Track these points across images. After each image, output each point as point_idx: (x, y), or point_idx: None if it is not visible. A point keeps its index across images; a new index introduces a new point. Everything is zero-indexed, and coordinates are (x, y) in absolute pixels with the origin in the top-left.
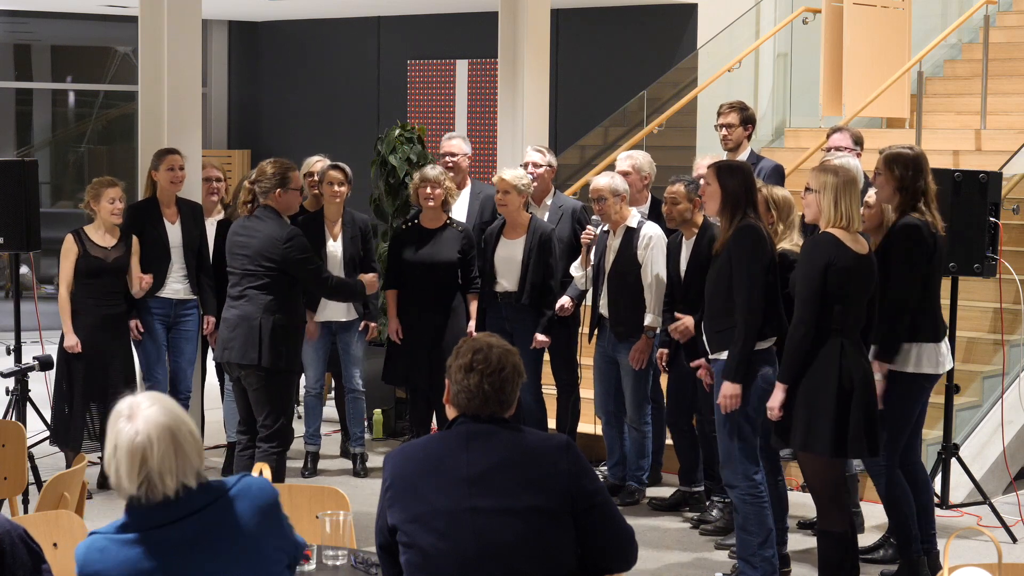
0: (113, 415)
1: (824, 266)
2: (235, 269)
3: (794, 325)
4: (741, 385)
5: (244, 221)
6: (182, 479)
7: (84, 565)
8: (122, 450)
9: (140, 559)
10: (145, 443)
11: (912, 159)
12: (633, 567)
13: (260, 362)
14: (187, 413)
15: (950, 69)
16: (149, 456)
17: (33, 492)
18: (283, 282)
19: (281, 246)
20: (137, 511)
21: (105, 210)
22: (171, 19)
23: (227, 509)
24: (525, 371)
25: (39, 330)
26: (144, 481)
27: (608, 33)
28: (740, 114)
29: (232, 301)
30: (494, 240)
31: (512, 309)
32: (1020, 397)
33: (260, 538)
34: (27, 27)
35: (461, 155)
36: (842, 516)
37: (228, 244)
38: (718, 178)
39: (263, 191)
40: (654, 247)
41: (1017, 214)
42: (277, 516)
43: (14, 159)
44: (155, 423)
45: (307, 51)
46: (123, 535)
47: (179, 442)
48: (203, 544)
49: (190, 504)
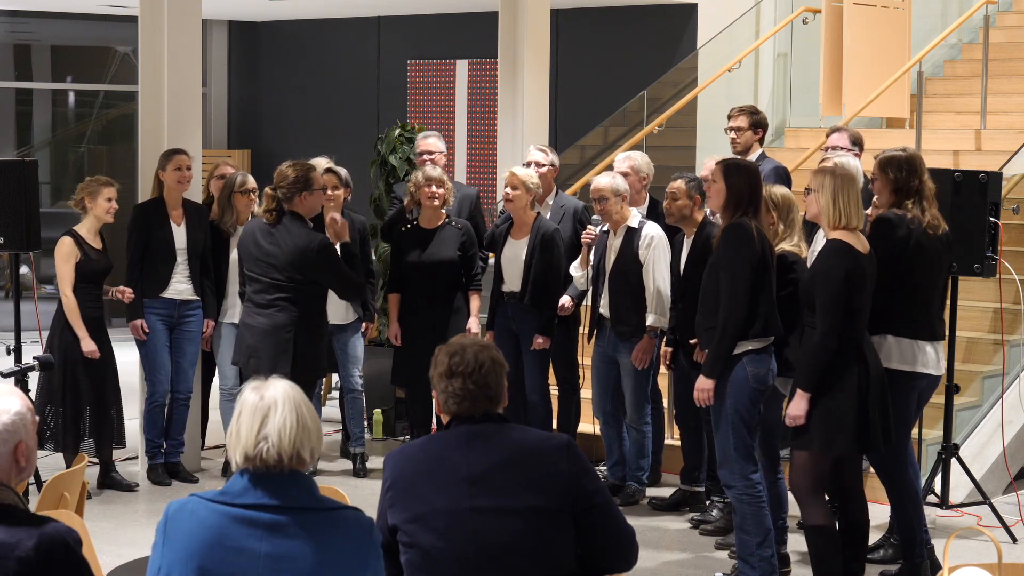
0: (242, 394)
1: (846, 275)
2: (260, 277)
3: (823, 337)
4: (715, 381)
5: (267, 227)
6: (299, 447)
7: (168, 519)
8: (246, 412)
9: (224, 530)
10: (270, 404)
11: (905, 160)
12: (633, 567)
13: (293, 374)
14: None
15: (950, 69)
16: (271, 416)
17: (33, 492)
18: (313, 292)
19: (312, 256)
20: (243, 484)
21: (101, 208)
22: (171, 19)
23: (322, 525)
24: (533, 370)
25: (39, 330)
26: (263, 439)
27: (608, 33)
28: (750, 118)
29: (260, 309)
30: (502, 240)
31: (517, 309)
32: (1020, 397)
33: (340, 571)
34: (27, 27)
35: (438, 153)
36: (822, 510)
37: (249, 248)
38: (725, 176)
39: (287, 196)
40: (655, 247)
41: (1017, 214)
42: (366, 561)
43: (14, 159)
44: (282, 392)
45: (307, 51)
46: (217, 504)
47: (302, 413)
48: (285, 542)
49: (292, 496)
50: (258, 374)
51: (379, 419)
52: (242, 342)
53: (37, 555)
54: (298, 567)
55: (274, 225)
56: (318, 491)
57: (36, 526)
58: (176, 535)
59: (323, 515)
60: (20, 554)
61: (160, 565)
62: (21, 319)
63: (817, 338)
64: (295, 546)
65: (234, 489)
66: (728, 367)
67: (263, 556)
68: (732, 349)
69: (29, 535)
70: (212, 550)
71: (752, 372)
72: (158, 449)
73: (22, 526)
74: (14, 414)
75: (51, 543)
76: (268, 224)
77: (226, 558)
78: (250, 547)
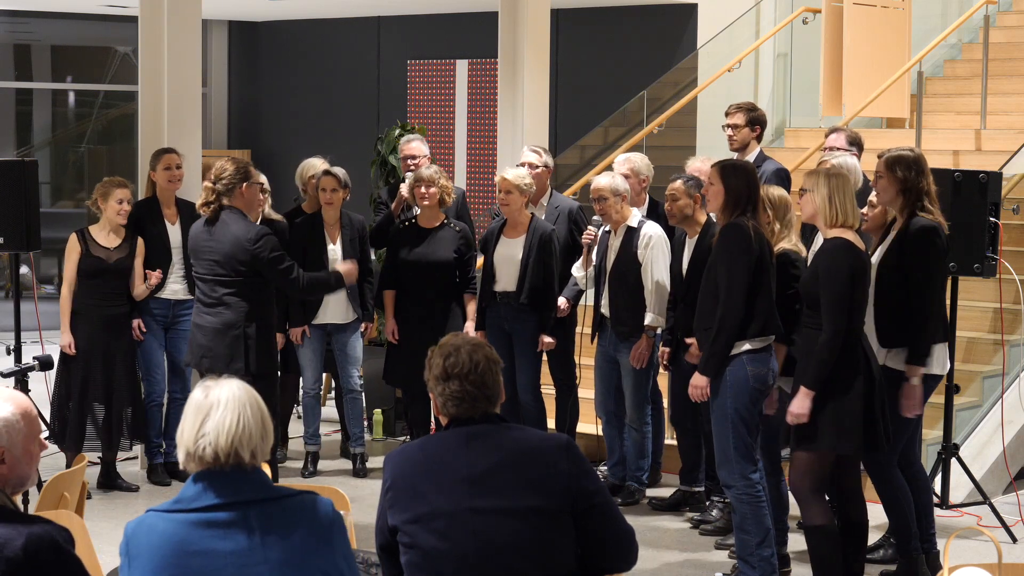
0: (192, 394)
1: (851, 274)
2: (205, 275)
3: (832, 336)
4: (710, 378)
5: (205, 224)
6: (237, 446)
7: (129, 540)
8: (190, 410)
9: (184, 538)
10: (213, 403)
11: (914, 160)
12: (633, 567)
13: (248, 369)
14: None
15: (950, 69)
16: (212, 414)
17: (33, 492)
18: (258, 285)
19: (251, 247)
20: (196, 489)
21: (112, 210)
22: (171, 19)
23: (279, 513)
24: (526, 369)
25: (39, 330)
26: (201, 436)
27: (608, 33)
28: (747, 115)
29: (208, 308)
30: (494, 239)
31: (511, 309)
32: (1020, 397)
33: (305, 555)
34: (27, 27)
35: (422, 157)
36: (823, 510)
37: (191, 247)
38: (722, 178)
39: (227, 189)
40: (654, 247)
41: (1017, 214)
42: (329, 541)
43: (14, 159)
44: (228, 391)
45: (307, 51)
46: (173, 514)
47: (245, 413)
48: (246, 537)
49: (244, 491)
50: (212, 373)
51: (379, 419)
52: (194, 342)
53: (25, 555)
54: (264, 558)
55: (213, 222)
56: (269, 482)
57: (25, 525)
58: (139, 552)
59: (279, 503)
60: (8, 554)
61: None
62: (21, 319)
63: (825, 337)
64: (256, 539)
65: (187, 496)
66: (724, 366)
67: (227, 554)
68: (729, 348)
69: (18, 534)
70: (177, 559)
71: (753, 372)
72: (157, 449)
73: (10, 526)
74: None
75: (39, 542)
76: (207, 222)
77: (192, 564)
78: (213, 548)
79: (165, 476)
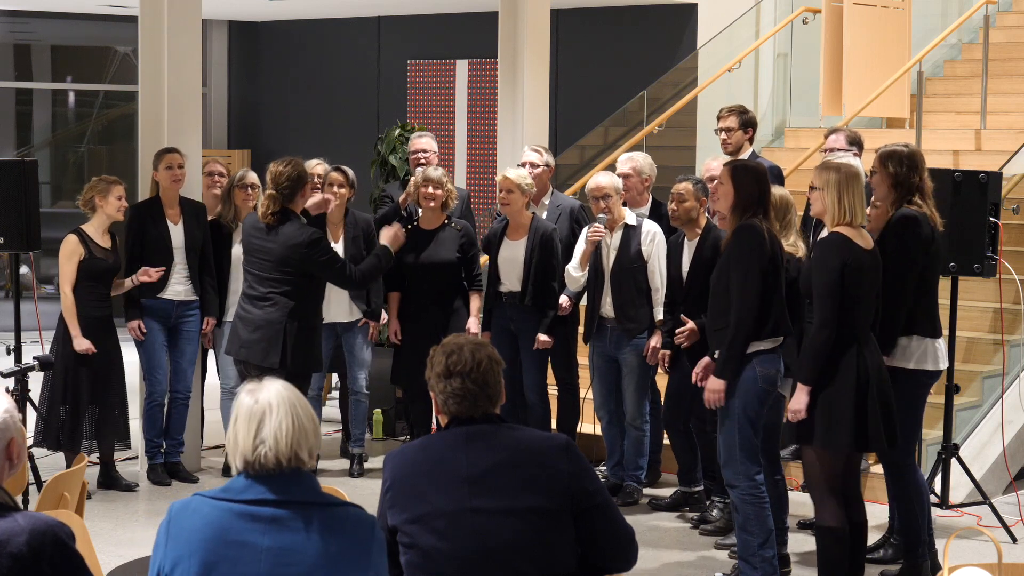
0: (237, 396)
1: (841, 267)
2: (255, 271)
3: (818, 328)
4: (726, 382)
5: (264, 225)
6: (296, 449)
7: (172, 518)
8: (242, 417)
9: (226, 525)
10: (265, 408)
11: (907, 155)
12: (633, 567)
13: (283, 365)
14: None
15: (950, 69)
16: (266, 420)
17: (33, 492)
18: (306, 285)
19: (304, 251)
20: (245, 482)
21: (113, 207)
22: (171, 19)
23: (324, 519)
24: (532, 369)
25: (39, 330)
26: (260, 443)
27: (608, 33)
28: (739, 117)
29: (254, 302)
30: (498, 241)
31: (516, 310)
32: (1020, 397)
33: (340, 565)
34: (27, 27)
35: (432, 152)
36: (837, 511)
37: (245, 243)
38: (733, 179)
39: (289, 194)
40: (659, 243)
41: (1017, 214)
42: (368, 556)
43: (14, 159)
44: (276, 393)
45: (307, 51)
46: (220, 501)
47: (297, 414)
48: (287, 536)
49: (293, 492)
50: (248, 363)
51: (379, 419)
52: (235, 333)
53: (30, 550)
54: (299, 560)
55: (274, 226)
56: (320, 487)
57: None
58: (179, 532)
59: (325, 510)
60: (12, 550)
61: (163, 563)
62: (21, 319)
63: (812, 330)
64: (297, 540)
65: (236, 486)
66: (741, 368)
67: (265, 549)
68: (745, 349)
69: (21, 530)
70: (215, 545)
71: (762, 372)
72: (158, 449)
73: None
74: (3, 412)
75: (42, 537)
76: (267, 224)
77: (229, 552)
78: (252, 541)
79: (165, 476)
